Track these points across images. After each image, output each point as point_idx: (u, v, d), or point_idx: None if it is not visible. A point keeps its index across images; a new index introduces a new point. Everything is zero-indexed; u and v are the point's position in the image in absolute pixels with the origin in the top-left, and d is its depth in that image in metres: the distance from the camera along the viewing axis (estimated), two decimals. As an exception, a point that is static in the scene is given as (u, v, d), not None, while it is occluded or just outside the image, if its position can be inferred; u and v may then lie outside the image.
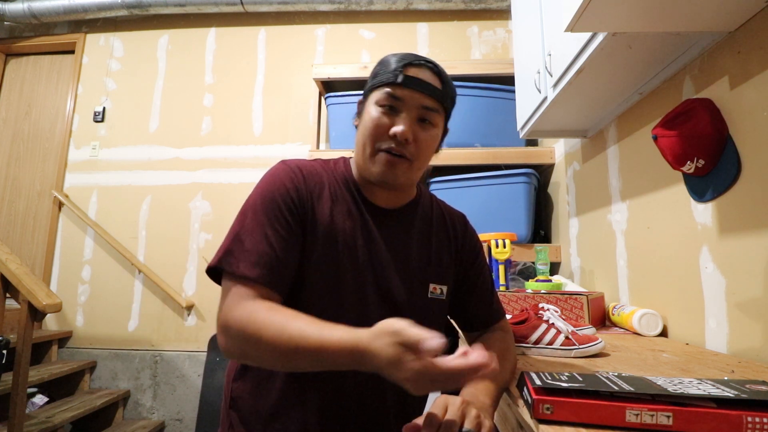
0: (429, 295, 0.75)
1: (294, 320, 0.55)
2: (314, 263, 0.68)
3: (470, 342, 0.83)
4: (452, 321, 0.86)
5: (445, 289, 0.77)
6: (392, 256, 0.73)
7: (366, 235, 0.72)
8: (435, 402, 0.52)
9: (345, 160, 0.79)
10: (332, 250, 0.68)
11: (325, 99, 2.47)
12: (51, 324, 2.62)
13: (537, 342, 0.84)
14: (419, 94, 0.68)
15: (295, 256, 0.66)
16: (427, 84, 0.69)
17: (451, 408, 0.50)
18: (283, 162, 0.73)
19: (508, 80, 2.15)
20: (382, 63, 0.72)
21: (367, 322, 0.68)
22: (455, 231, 0.82)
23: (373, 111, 0.70)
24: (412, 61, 0.69)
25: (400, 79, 0.68)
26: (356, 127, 0.76)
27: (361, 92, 0.77)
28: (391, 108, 0.69)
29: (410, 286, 0.73)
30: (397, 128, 0.67)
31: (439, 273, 0.77)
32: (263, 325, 0.55)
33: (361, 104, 0.75)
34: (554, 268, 1.97)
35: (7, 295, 1.72)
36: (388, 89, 0.68)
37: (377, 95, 0.70)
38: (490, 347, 0.74)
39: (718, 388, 0.47)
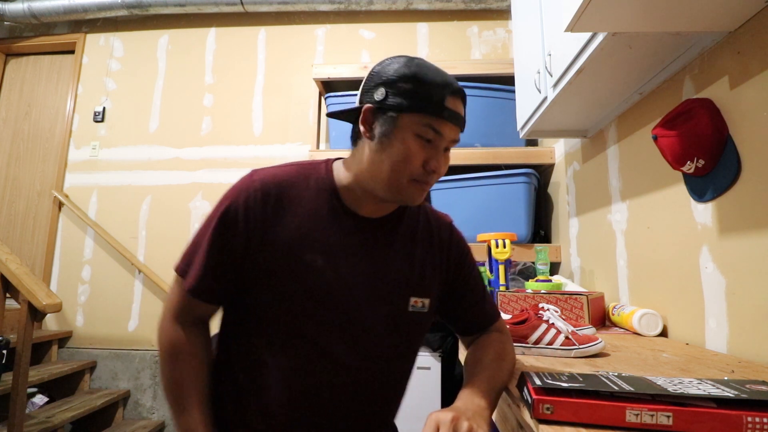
0: (410, 309, 0.73)
1: (189, 398, 0.66)
2: (271, 281, 0.66)
3: (467, 345, 0.83)
4: (448, 326, 0.85)
5: (427, 302, 0.75)
6: (370, 268, 0.70)
7: (341, 248, 0.69)
8: (426, 424, 0.52)
9: (327, 164, 0.74)
10: (293, 265, 0.66)
11: (325, 99, 2.47)
12: (51, 324, 2.62)
13: (537, 342, 0.84)
14: (455, 128, 0.67)
15: (229, 278, 0.67)
16: (462, 119, 0.67)
17: (442, 429, 0.51)
18: (250, 175, 0.69)
19: (508, 80, 2.15)
20: (421, 81, 0.64)
21: (327, 341, 0.68)
22: (441, 239, 0.79)
23: (410, 141, 0.65)
24: (453, 90, 0.66)
25: (446, 114, 0.64)
26: (366, 137, 0.68)
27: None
28: (428, 140, 0.66)
29: (389, 299, 0.71)
30: (437, 165, 0.66)
31: (422, 285, 0.74)
32: (172, 369, 0.67)
33: (381, 116, 0.66)
34: (554, 268, 1.97)
35: (7, 295, 1.72)
36: (431, 123, 0.64)
37: (416, 123, 0.64)
38: (487, 349, 0.74)
39: (718, 388, 0.47)
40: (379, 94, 0.66)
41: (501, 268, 1.60)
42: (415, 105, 0.64)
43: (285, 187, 0.69)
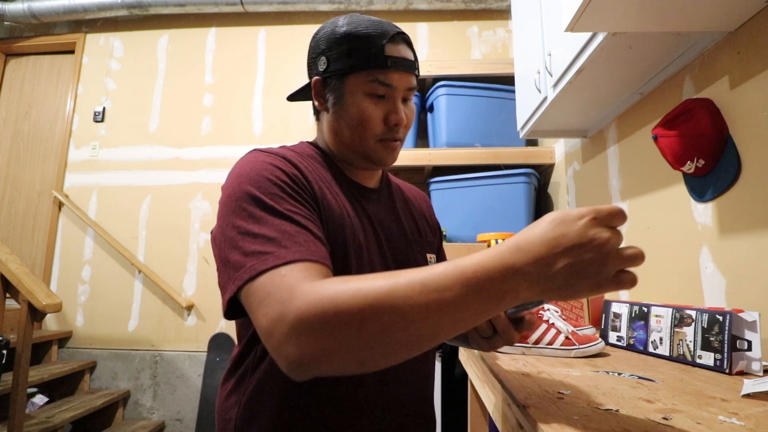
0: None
1: (402, 273, 0.41)
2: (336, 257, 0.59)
3: None
4: None
5: (434, 258, 0.76)
6: (388, 233, 0.69)
7: (367, 218, 0.67)
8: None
9: (307, 145, 0.70)
10: (341, 241, 0.60)
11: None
12: (51, 324, 2.62)
13: (537, 342, 0.84)
14: (406, 75, 0.63)
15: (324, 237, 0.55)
16: (410, 63, 0.64)
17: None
18: (258, 152, 0.60)
19: (508, 80, 2.15)
20: (355, 38, 0.62)
21: None
22: (425, 208, 0.83)
23: (362, 102, 0.63)
24: (391, 37, 0.62)
25: (389, 63, 0.61)
26: (322, 109, 0.67)
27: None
28: (381, 96, 0.63)
29: (417, 260, 0.72)
30: (398, 118, 0.64)
31: (430, 243, 0.77)
32: (370, 292, 0.39)
33: (329, 85, 0.65)
34: (554, 268, 1.97)
35: (7, 295, 1.72)
36: (377, 77, 0.61)
37: (362, 82, 0.62)
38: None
39: None
40: (322, 63, 0.65)
41: (501, 268, 1.60)
42: (355, 64, 0.62)
43: (297, 158, 0.62)
